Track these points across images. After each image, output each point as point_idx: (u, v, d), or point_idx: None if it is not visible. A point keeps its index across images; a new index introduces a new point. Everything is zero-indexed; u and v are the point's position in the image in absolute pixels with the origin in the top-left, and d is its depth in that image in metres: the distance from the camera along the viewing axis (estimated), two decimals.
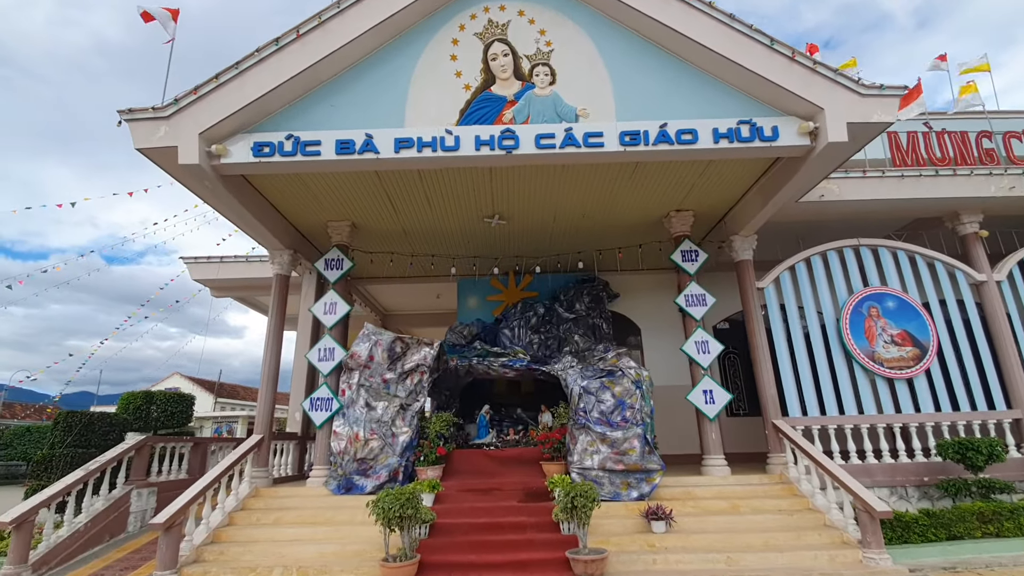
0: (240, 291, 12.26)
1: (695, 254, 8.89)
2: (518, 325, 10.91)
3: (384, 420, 8.00)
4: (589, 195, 8.45)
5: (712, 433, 8.13)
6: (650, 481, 7.15)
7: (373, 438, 7.82)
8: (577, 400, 7.81)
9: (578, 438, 7.46)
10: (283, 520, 7.06)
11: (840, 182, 9.01)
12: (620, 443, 7.23)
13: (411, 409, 8.18)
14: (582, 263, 9.75)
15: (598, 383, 7.90)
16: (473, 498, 7.31)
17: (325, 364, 8.40)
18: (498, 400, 10.82)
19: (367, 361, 8.25)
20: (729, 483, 7.71)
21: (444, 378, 9.37)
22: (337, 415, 8.10)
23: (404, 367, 8.28)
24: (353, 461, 7.75)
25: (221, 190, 7.14)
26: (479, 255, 10.12)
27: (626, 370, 7.96)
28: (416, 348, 8.36)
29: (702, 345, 8.43)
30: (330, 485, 7.75)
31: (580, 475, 7.24)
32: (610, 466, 7.17)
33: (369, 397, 8.15)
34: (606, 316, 11.09)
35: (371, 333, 8.37)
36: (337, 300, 8.73)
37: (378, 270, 11.67)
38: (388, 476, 7.61)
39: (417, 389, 8.29)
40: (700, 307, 8.63)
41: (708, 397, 8.17)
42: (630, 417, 7.64)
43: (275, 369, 8.57)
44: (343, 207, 8.58)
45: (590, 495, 5.78)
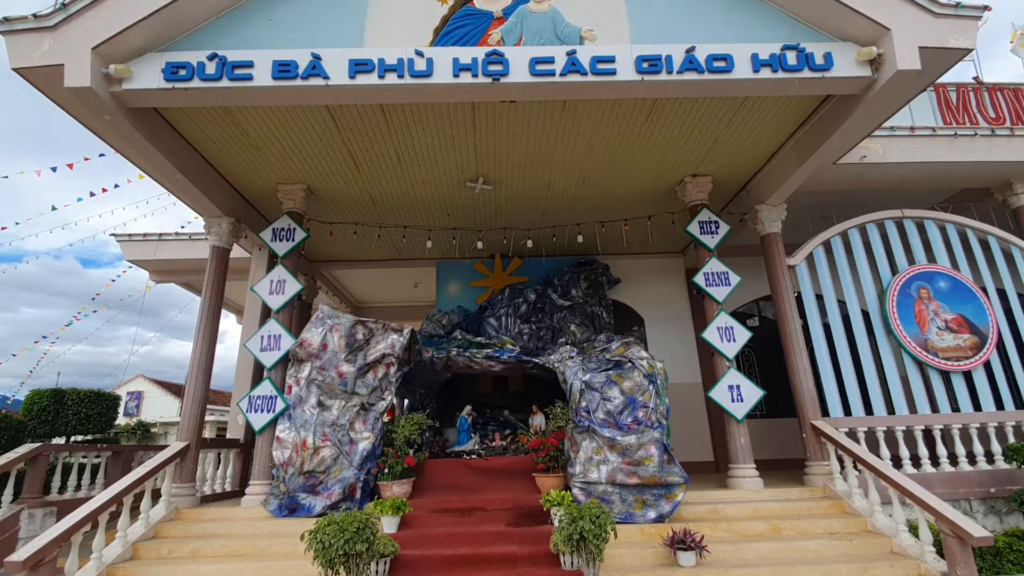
0: (184, 275, 10.61)
1: (715, 225, 7.51)
2: (505, 314, 9.44)
3: (340, 423, 6.46)
4: (592, 154, 7.04)
5: (740, 437, 6.72)
6: (671, 498, 5.70)
7: (325, 445, 6.27)
8: (578, 398, 6.36)
9: (580, 444, 6.00)
10: (202, 553, 5.48)
11: (885, 141, 7.72)
12: (633, 450, 5.78)
13: (374, 410, 6.65)
14: (581, 236, 8.33)
15: (603, 377, 6.46)
16: (449, 521, 5.80)
17: (269, 355, 6.84)
18: (482, 400, 9.31)
19: (320, 350, 6.70)
20: (763, 499, 6.31)
21: (417, 373, 7.86)
22: (281, 417, 6.54)
23: (367, 358, 6.75)
24: (299, 475, 6.19)
25: (127, 128, 5.57)
26: (460, 227, 8.62)
27: (637, 361, 6.53)
28: (382, 335, 6.84)
29: (726, 332, 7.04)
30: (270, 505, 6.17)
31: (584, 491, 5.77)
32: (621, 479, 5.71)
33: (322, 395, 6.61)
34: (606, 304, 9.67)
35: (326, 316, 6.84)
36: (286, 277, 7.17)
37: (344, 250, 10.13)
38: (342, 493, 6.06)
39: (383, 385, 6.76)
40: (723, 287, 7.24)
41: (735, 394, 6.77)
42: (643, 418, 6.21)
43: (208, 360, 6.97)
44: (294, 164, 7.05)
45: (602, 522, 4.32)
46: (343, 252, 10.24)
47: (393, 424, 6.80)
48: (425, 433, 8.22)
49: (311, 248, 10.02)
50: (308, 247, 10.00)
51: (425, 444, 7.80)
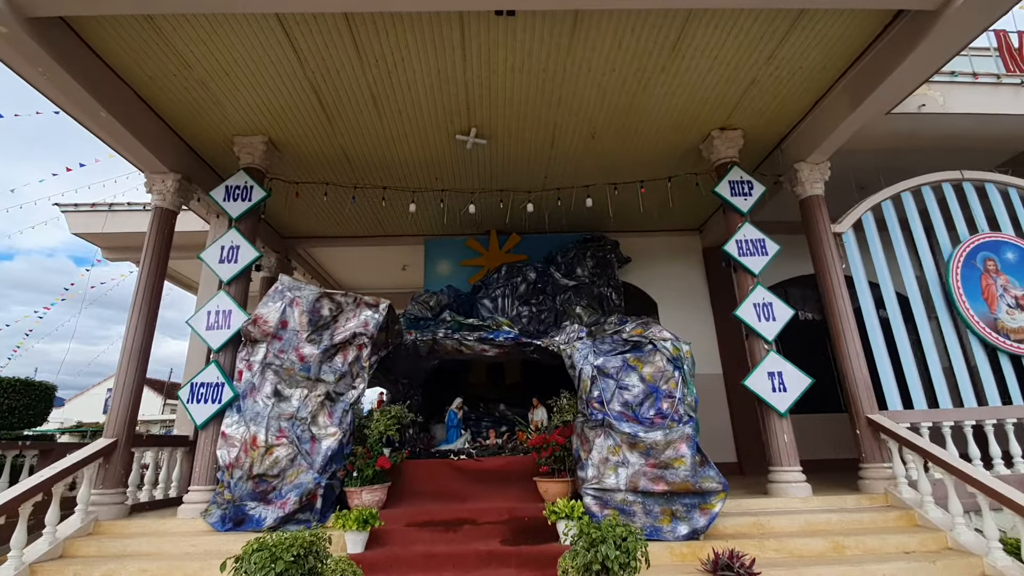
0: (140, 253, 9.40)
1: (747, 186, 6.40)
2: (502, 295, 8.32)
3: (301, 416, 5.32)
4: (604, 99, 5.91)
5: (783, 434, 5.61)
6: (706, 509, 4.58)
7: (280, 443, 5.13)
8: (589, 386, 5.23)
9: (593, 442, 4.87)
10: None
11: (945, 89, 6.63)
12: (660, 449, 4.65)
13: (343, 400, 5.51)
14: (591, 200, 7.20)
15: (619, 361, 5.34)
16: (430, 538, 4.67)
17: (216, 334, 5.69)
18: (474, 393, 8.18)
19: (278, 329, 5.56)
20: (814, 508, 5.20)
21: (398, 359, 6.72)
22: (229, 409, 5.39)
23: (334, 338, 5.61)
24: (248, 479, 5.04)
25: (30, 46, 4.41)
26: (450, 188, 7.47)
27: (659, 342, 5.41)
28: (353, 310, 5.70)
29: (764, 309, 5.92)
30: (211, 517, 5.03)
31: (598, 499, 4.64)
32: (645, 486, 4.58)
33: (280, 382, 5.46)
34: (615, 284, 8.55)
35: (286, 288, 5.69)
36: (240, 243, 6.02)
37: (320, 224, 8.99)
38: (299, 502, 4.91)
39: (353, 371, 5.62)
40: (758, 257, 6.14)
41: (777, 382, 5.65)
42: (668, 410, 5.09)
43: (145, 341, 5.82)
44: (251, 109, 5.90)
45: (630, 547, 3.20)
46: (319, 226, 9.10)
47: (367, 419, 5.66)
48: (409, 430, 7.10)
49: (282, 222, 8.88)
50: (280, 221, 8.86)
51: (408, 442, 6.67)
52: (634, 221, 9.19)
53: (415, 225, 9.22)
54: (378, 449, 5.18)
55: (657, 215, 8.88)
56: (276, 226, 9.04)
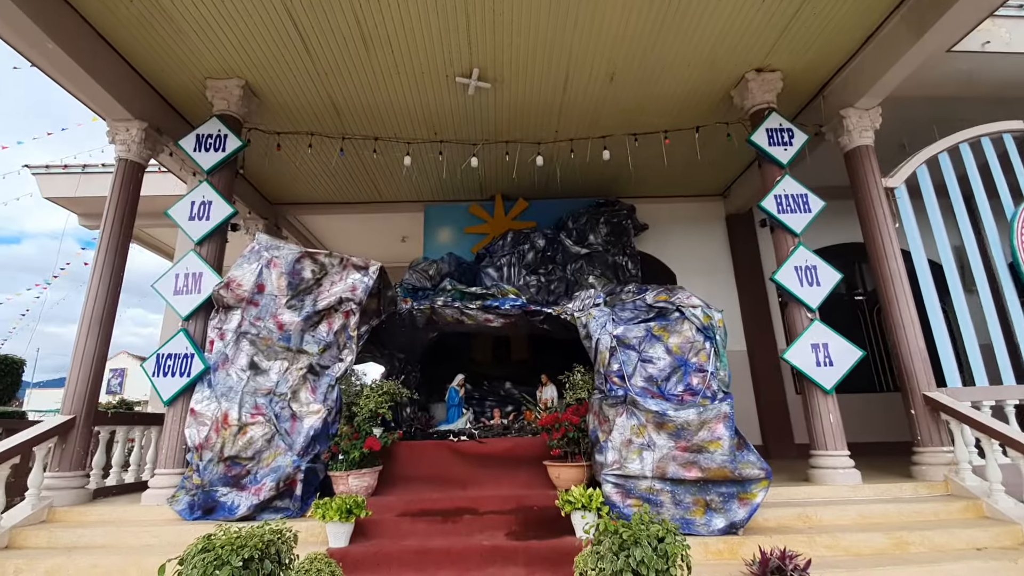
0: None
1: (788, 134, 5.64)
2: (508, 263, 7.63)
3: (280, 392, 4.69)
4: (626, 33, 5.14)
5: (829, 414, 4.93)
6: (746, 499, 3.92)
7: (255, 421, 4.50)
8: (608, 358, 4.56)
9: (614, 422, 4.21)
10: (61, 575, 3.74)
11: (1012, 24, 5.81)
12: (693, 430, 3.99)
13: (328, 374, 4.87)
14: (608, 152, 6.44)
15: (642, 330, 4.66)
16: (425, 530, 4.05)
17: (185, 299, 5.04)
18: (477, 370, 7.54)
19: (254, 293, 4.90)
20: (866, 498, 4.55)
21: (393, 331, 6.07)
22: (200, 383, 4.77)
23: (317, 304, 4.95)
24: (219, 462, 4.43)
25: None
26: (449, 140, 6.72)
27: (687, 309, 4.72)
28: (339, 273, 5.03)
29: (807, 272, 5.21)
30: (178, 504, 4.43)
31: (619, 487, 4.00)
32: (675, 472, 3.93)
33: (257, 353, 4.82)
34: (631, 252, 7.85)
35: (263, 247, 5.02)
36: (213, 198, 5.34)
37: (310, 188, 8.30)
38: (276, 488, 4.30)
39: (340, 341, 4.98)
40: (800, 213, 5.40)
41: (822, 355, 4.96)
42: (699, 386, 4.42)
43: (109, 307, 5.19)
44: (224, 46, 5.17)
45: (670, 550, 2.55)
46: (310, 191, 8.41)
47: (355, 396, 5.02)
48: (406, 409, 6.48)
49: (269, 185, 8.19)
50: (267, 185, 8.17)
51: (404, 422, 6.05)
52: (652, 185, 8.46)
53: (414, 190, 8.52)
54: (366, 429, 4.55)
55: (679, 177, 8.13)
56: (263, 190, 8.36)
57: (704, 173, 8.13)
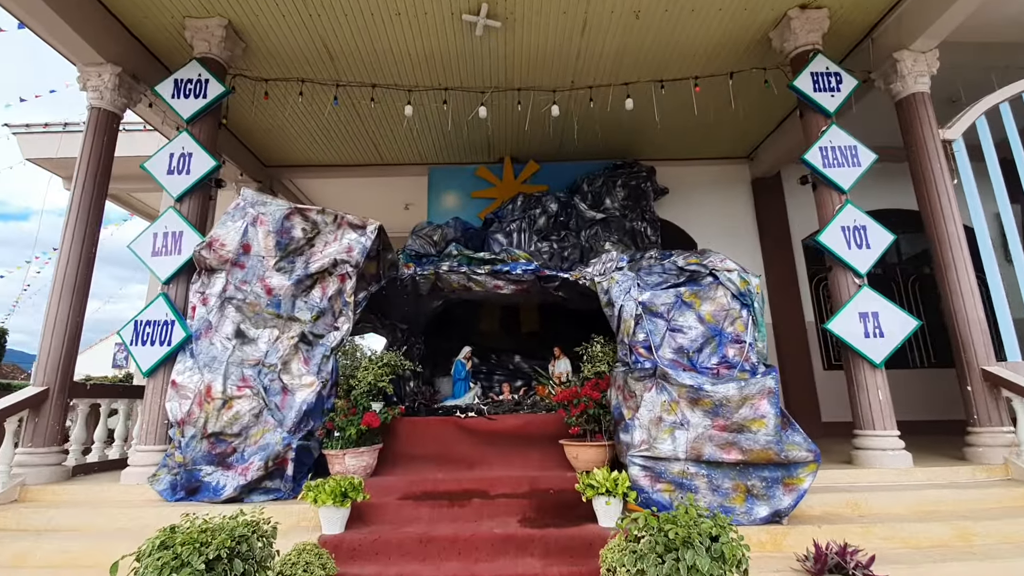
0: None
1: (835, 79, 5.03)
2: (517, 228, 7.11)
3: (269, 363, 4.24)
4: None
5: (877, 390, 4.44)
6: (792, 485, 3.47)
7: (242, 395, 4.07)
8: (633, 327, 4.08)
9: (641, 397, 3.74)
10: (28, 561, 3.37)
11: None
12: (732, 407, 3.51)
13: (322, 344, 4.42)
14: (631, 100, 5.82)
15: (671, 296, 4.16)
16: (430, 515, 3.64)
17: (165, 261, 4.57)
18: (485, 343, 7.08)
19: (239, 254, 4.41)
20: (919, 482, 4.10)
21: (394, 299, 5.59)
22: (182, 352, 4.33)
23: (309, 267, 4.46)
24: (202, 438, 4.01)
25: None
26: (454, 87, 6.12)
27: (721, 273, 4.21)
28: (332, 232, 4.53)
29: (856, 233, 4.66)
30: (159, 483, 4.04)
31: (648, 470, 3.55)
32: (711, 453, 3.47)
33: (244, 320, 4.37)
34: (651, 217, 7.30)
35: (249, 204, 4.51)
36: (193, 149, 4.83)
37: (306, 149, 7.76)
38: (264, 468, 3.89)
39: (335, 309, 4.51)
40: (849, 167, 4.83)
41: (871, 326, 4.45)
42: (735, 358, 3.94)
43: (84, 269, 4.73)
44: None
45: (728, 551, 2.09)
46: (306, 151, 7.86)
47: (352, 368, 4.58)
48: (409, 383, 6.07)
49: (262, 146, 7.65)
50: (260, 145, 7.63)
51: (407, 396, 5.64)
52: (672, 147, 7.85)
53: (417, 151, 7.96)
54: (364, 404, 4.11)
55: (701, 138, 7.52)
56: (256, 151, 7.82)
57: (729, 134, 7.51)
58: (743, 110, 6.50)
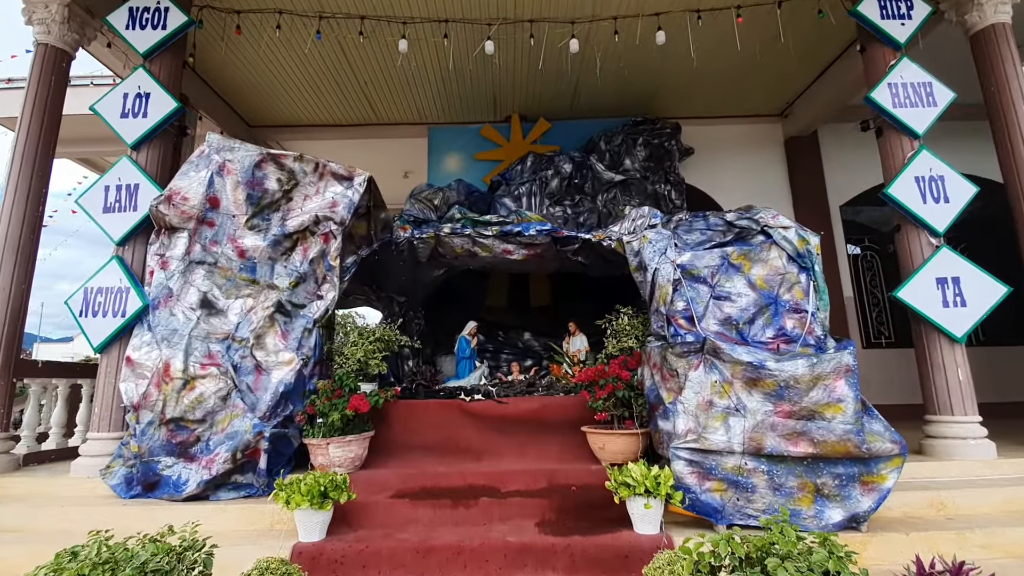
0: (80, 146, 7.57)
1: (906, 4, 4.27)
2: (528, 192, 6.41)
3: (240, 337, 3.61)
4: None
5: (957, 369, 3.77)
6: (871, 483, 2.83)
7: (206, 373, 3.44)
8: (670, 294, 3.41)
9: (685, 377, 3.08)
10: None
11: None
12: (801, 389, 2.85)
13: (303, 316, 3.77)
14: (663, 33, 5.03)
15: (716, 257, 3.48)
16: (430, 518, 3.03)
17: (118, 219, 3.91)
18: (491, 318, 6.44)
19: (205, 209, 3.74)
20: (1007, 476, 3.48)
21: (390, 267, 4.93)
22: (139, 324, 3.69)
23: (286, 224, 3.80)
24: (160, 425, 3.40)
25: None
26: (456, 19, 5.33)
27: (775, 231, 3.53)
28: (313, 184, 3.85)
29: (932, 185, 3.95)
30: (112, 477, 3.45)
31: (695, 466, 2.90)
32: (774, 446, 2.82)
33: (212, 288, 3.71)
34: (675, 179, 6.58)
35: (215, 149, 3.82)
36: (152, 89, 4.13)
37: (296, 107, 7.04)
38: (232, 460, 3.28)
39: (318, 274, 3.85)
40: (923, 108, 4.09)
41: (951, 293, 3.76)
42: (795, 331, 3.29)
43: (29, 230, 4.08)
44: None
45: None
46: (294, 110, 7.14)
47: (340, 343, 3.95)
48: (408, 362, 5.47)
49: (245, 102, 6.92)
50: (243, 102, 6.90)
51: (405, 377, 5.03)
52: (697, 103, 7.10)
53: (415, 108, 7.23)
54: (351, 384, 3.48)
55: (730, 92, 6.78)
56: (239, 108, 7.09)
57: (762, 86, 6.74)
58: (783, 55, 5.74)
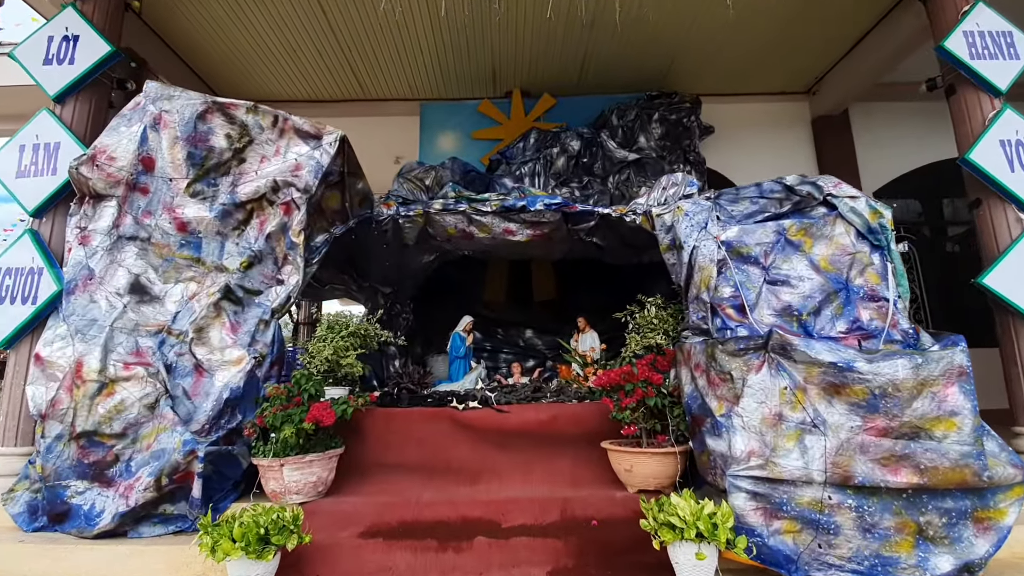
0: None
1: None
2: (531, 172, 5.74)
3: (178, 330, 2.89)
4: None
5: None
6: (988, 520, 2.15)
7: (130, 374, 2.73)
8: (714, 276, 2.73)
9: (742, 382, 2.38)
10: None
11: None
12: (902, 398, 2.16)
13: (258, 304, 3.07)
14: None
15: (770, 232, 2.80)
16: (408, 564, 2.32)
17: (32, 185, 3.20)
18: (488, 314, 5.76)
19: (137, 172, 3.03)
20: None
21: (371, 250, 4.23)
22: (53, 313, 2.97)
23: (237, 191, 3.09)
24: (70, 440, 2.68)
25: None
26: None
27: (840, 200, 2.86)
28: (272, 141, 3.14)
29: (1020, 149, 3.28)
30: (14, 504, 2.73)
31: (760, 500, 2.20)
32: (866, 473, 2.13)
33: (147, 270, 3.00)
34: (695, 159, 5.90)
35: (150, 99, 3.11)
36: (82, 30, 3.42)
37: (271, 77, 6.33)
38: (158, 485, 2.56)
39: (278, 253, 3.15)
40: (1003, 60, 3.43)
41: None
42: (873, 324, 2.62)
43: None
44: None
45: None
46: (271, 81, 6.43)
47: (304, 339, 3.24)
48: (394, 362, 4.82)
49: (217, 72, 6.21)
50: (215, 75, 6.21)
51: (390, 379, 4.33)
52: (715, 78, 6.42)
53: (406, 82, 6.53)
54: (311, 389, 2.76)
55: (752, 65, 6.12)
56: (210, 80, 6.38)
57: (788, 59, 6.07)
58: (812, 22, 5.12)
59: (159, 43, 5.45)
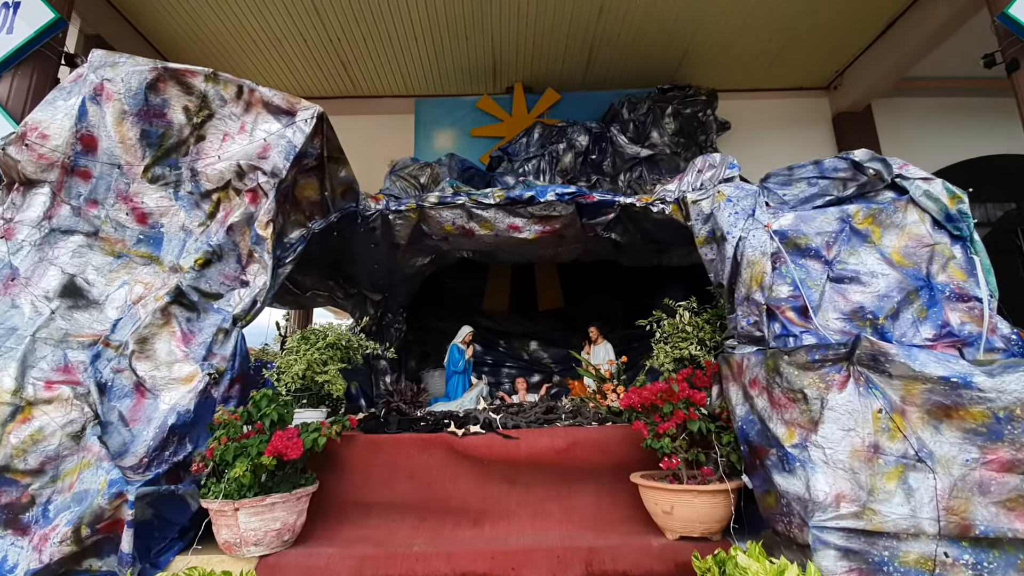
0: None
1: None
2: (535, 169, 5.28)
3: (116, 341, 2.39)
4: None
5: None
6: None
7: (52, 395, 2.21)
8: (768, 271, 2.25)
9: (820, 404, 1.89)
10: None
11: None
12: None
13: (217, 310, 2.57)
14: None
15: (832, 219, 2.34)
16: None
17: None
18: (489, 324, 5.26)
19: (76, 153, 2.55)
20: None
21: (358, 251, 3.74)
22: None
23: (197, 174, 2.60)
24: None
25: None
26: None
27: (912, 184, 2.41)
28: (236, 116, 2.66)
29: None
30: None
31: (854, 558, 1.69)
32: (987, 521, 1.62)
33: (86, 266, 2.51)
34: None
35: (93, 67, 2.63)
36: None
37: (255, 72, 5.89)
38: (77, 536, 2.03)
39: (242, 249, 2.65)
40: None
41: None
42: (965, 329, 2.13)
43: None
44: None
45: None
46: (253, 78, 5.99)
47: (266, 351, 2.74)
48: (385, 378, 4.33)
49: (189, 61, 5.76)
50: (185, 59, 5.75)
51: (379, 398, 3.83)
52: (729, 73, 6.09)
53: (400, 77, 6.13)
54: (273, 414, 2.25)
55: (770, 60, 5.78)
56: None
57: (807, 52, 5.72)
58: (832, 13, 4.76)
59: (129, 29, 5.02)
